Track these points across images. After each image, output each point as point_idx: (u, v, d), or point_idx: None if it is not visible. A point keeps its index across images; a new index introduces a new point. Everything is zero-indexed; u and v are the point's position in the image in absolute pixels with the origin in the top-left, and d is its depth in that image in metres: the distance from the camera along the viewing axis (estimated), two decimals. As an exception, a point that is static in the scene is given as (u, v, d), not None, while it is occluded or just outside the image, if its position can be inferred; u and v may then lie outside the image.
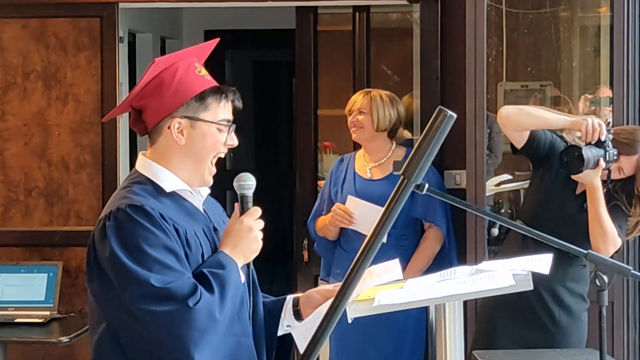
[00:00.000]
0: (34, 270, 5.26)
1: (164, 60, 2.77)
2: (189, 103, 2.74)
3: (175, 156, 2.77)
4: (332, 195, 5.05)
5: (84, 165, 5.63)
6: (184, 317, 2.56)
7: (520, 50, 5.33)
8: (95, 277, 2.68)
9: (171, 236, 2.65)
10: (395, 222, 1.86)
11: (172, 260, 2.63)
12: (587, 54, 5.33)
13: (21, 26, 5.64)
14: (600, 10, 5.25)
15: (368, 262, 1.76)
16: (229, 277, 2.67)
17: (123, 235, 2.63)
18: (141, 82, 2.77)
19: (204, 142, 2.76)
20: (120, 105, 2.88)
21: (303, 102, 6.21)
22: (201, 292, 2.60)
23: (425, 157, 1.72)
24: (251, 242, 2.77)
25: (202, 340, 2.58)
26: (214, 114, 2.76)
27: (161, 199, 2.72)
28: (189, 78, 2.76)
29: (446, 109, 1.73)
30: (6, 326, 4.97)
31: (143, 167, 2.80)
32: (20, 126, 5.65)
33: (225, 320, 2.63)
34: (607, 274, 2.39)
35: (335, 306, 1.71)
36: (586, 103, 5.26)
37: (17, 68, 5.64)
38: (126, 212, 2.65)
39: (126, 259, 2.60)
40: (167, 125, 2.75)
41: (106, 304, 2.67)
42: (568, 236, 3.85)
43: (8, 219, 5.66)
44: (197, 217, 2.79)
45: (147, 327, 2.59)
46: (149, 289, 2.57)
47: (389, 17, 7.13)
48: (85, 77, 5.61)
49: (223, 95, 2.78)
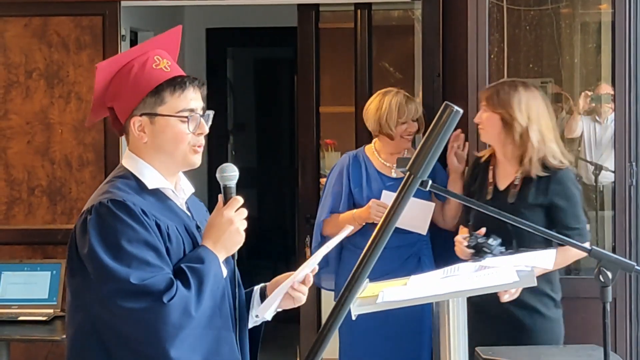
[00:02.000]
0: (37, 269, 5.25)
1: (108, 63, 2.78)
2: (145, 100, 2.73)
3: (145, 153, 2.77)
4: (354, 193, 5.00)
5: (86, 163, 5.63)
6: (159, 313, 2.56)
7: (522, 47, 5.32)
8: (76, 272, 2.68)
9: (152, 231, 2.65)
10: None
11: (152, 256, 2.63)
12: (588, 51, 5.32)
13: (23, 24, 5.64)
14: (601, 7, 5.24)
15: (376, 256, 1.75)
16: (208, 271, 2.66)
17: (103, 230, 2.63)
18: (95, 89, 2.78)
19: (166, 136, 2.74)
20: (91, 112, 2.89)
21: (305, 100, 6.21)
22: (177, 287, 2.59)
23: (432, 152, 1.72)
24: (232, 235, 2.75)
25: (177, 335, 2.57)
26: (172, 106, 2.74)
27: (143, 195, 2.72)
28: (144, 74, 2.74)
29: (452, 104, 1.73)
30: (9, 324, 4.96)
31: (128, 162, 2.80)
32: (22, 124, 5.65)
33: (204, 315, 2.62)
34: (610, 270, 2.38)
35: (343, 301, 1.71)
36: (587, 100, 5.26)
37: (19, 66, 5.64)
38: (108, 206, 2.65)
39: (105, 255, 2.60)
40: (130, 124, 2.76)
41: (87, 297, 2.66)
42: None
43: (11, 217, 5.66)
44: (178, 214, 2.78)
45: (124, 323, 2.60)
46: (126, 286, 2.57)
47: (391, 15, 7.13)
48: (88, 75, 5.61)
49: (177, 85, 2.74)
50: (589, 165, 5.30)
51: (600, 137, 5.29)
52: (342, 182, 5.04)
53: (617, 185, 4.69)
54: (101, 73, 2.76)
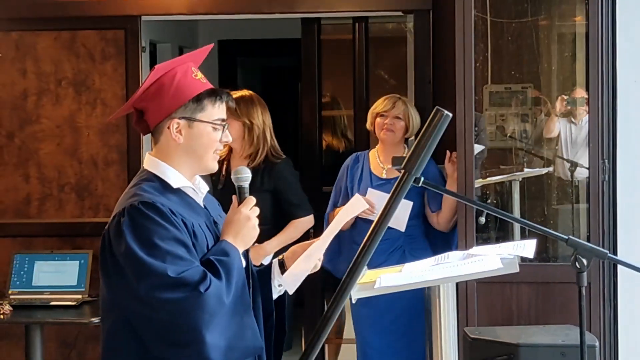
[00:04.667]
0: (66, 258, 5.26)
1: (163, 66, 2.77)
2: (186, 105, 2.74)
3: (175, 154, 2.76)
4: (349, 190, 5.01)
5: (111, 163, 5.63)
6: (197, 302, 2.56)
7: (504, 55, 5.31)
8: (110, 271, 2.67)
9: (180, 229, 2.65)
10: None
11: (183, 251, 2.63)
12: (564, 59, 5.31)
13: (53, 38, 5.64)
14: (576, 19, 5.23)
15: (374, 246, 1.76)
16: (232, 263, 2.67)
17: (137, 230, 2.62)
18: (143, 85, 2.78)
19: (201, 140, 2.76)
20: (124, 107, 2.88)
21: (308, 104, 6.21)
22: (210, 278, 2.60)
23: (425, 152, 1.72)
24: (250, 230, 2.76)
25: (212, 322, 2.57)
26: (209, 115, 2.76)
27: (168, 195, 2.72)
28: (187, 82, 2.75)
29: (442, 108, 1.73)
30: (42, 309, 4.97)
31: (150, 165, 2.79)
32: (53, 128, 5.65)
33: (231, 303, 2.63)
34: (585, 257, 2.38)
35: (345, 287, 1.72)
36: (563, 103, 5.25)
37: (50, 75, 5.64)
38: (139, 208, 2.64)
39: (142, 253, 2.59)
40: (167, 126, 2.75)
41: (121, 294, 2.66)
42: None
43: (43, 212, 5.67)
44: (199, 211, 2.79)
45: (161, 314, 2.58)
46: (164, 279, 2.57)
47: (386, 27, 7.12)
48: (112, 83, 5.61)
49: (217, 97, 2.77)
50: (566, 162, 5.29)
51: (576, 136, 5.28)
52: (343, 179, 5.06)
53: (591, 180, 4.69)
54: (156, 73, 2.75)
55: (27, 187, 5.67)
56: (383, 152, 5.01)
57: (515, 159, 5.33)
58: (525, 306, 4.60)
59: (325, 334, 1.79)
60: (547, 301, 4.48)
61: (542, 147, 5.33)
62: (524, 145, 5.33)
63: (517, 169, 5.23)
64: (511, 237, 5.01)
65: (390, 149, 4.98)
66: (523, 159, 5.34)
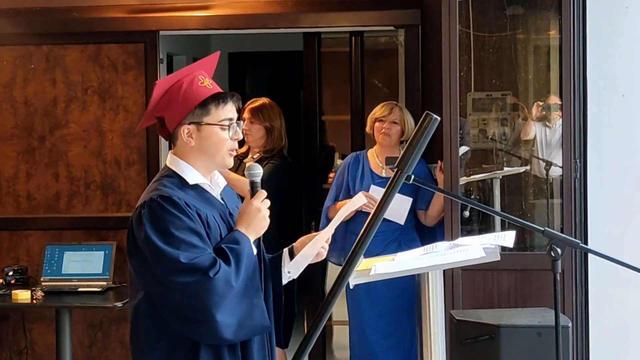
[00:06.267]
0: (93, 249, 5.26)
1: (162, 81, 2.78)
2: (193, 111, 2.74)
3: (191, 154, 2.77)
4: (351, 186, 5.01)
5: (132, 163, 5.63)
6: (207, 285, 2.58)
7: (486, 66, 5.31)
8: (134, 255, 2.69)
9: (195, 220, 2.66)
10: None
11: (196, 240, 2.64)
12: (540, 69, 5.30)
13: (80, 51, 5.64)
14: (550, 33, 5.23)
15: (369, 238, 1.76)
16: (242, 250, 2.68)
17: (155, 221, 2.64)
18: (152, 98, 2.79)
19: (210, 141, 2.75)
20: (145, 118, 2.88)
21: (309, 110, 6.20)
22: (220, 264, 2.61)
23: (416, 152, 1.72)
24: (260, 221, 2.76)
25: (221, 303, 2.59)
26: (215, 117, 2.75)
27: (186, 190, 2.73)
28: (192, 90, 2.75)
29: (432, 113, 1.74)
30: (71, 294, 4.98)
31: (172, 163, 2.80)
32: (80, 132, 5.65)
33: (240, 286, 2.64)
34: (559, 247, 2.38)
35: (344, 274, 1.72)
36: (538, 109, 5.24)
37: (77, 85, 5.64)
38: (158, 201, 2.66)
39: (158, 240, 2.61)
40: (180, 131, 2.76)
41: (143, 276, 2.68)
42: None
43: (72, 207, 5.66)
44: (215, 204, 2.79)
45: (176, 295, 2.60)
46: (177, 265, 2.58)
47: (379, 41, 7.12)
48: (133, 92, 5.61)
49: (220, 99, 2.76)
50: (541, 162, 5.29)
51: (550, 139, 5.27)
52: (344, 176, 5.06)
53: (564, 178, 4.69)
54: (158, 88, 2.77)
55: (57, 185, 5.67)
56: (381, 153, 5.02)
57: (496, 159, 5.33)
58: (505, 291, 4.60)
59: (327, 316, 1.79)
60: (525, 286, 4.49)
61: (520, 148, 5.33)
62: (503, 146, 5.33)
63: (498, 168, 5.24)
64: (492, 229, 5.01)
65: (387, 150, 4.99)
66: (503, 159, 5.34)
